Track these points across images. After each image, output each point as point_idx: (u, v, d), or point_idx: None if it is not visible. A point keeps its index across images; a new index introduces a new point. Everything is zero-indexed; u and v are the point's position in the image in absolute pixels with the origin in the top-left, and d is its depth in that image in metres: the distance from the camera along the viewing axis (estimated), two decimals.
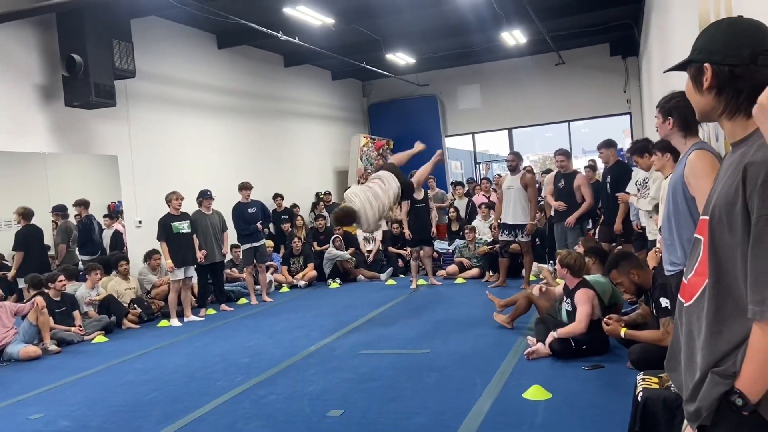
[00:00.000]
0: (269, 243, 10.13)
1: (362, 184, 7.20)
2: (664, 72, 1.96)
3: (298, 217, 11.52)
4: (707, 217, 1.41)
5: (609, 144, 7.20)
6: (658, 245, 4.57)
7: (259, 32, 9.35)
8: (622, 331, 4.20)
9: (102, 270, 7.97)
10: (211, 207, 8.51)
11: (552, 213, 8.14)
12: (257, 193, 9.57)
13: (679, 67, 1.52)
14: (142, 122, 9.31)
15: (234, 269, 10.06)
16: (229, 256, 9.75)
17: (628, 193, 6.27)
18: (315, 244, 11.11)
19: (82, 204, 8.65)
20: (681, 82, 3.18)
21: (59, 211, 8.39)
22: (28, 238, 7.73)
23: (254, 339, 6.55)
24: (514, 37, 11.42)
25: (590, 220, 7.42)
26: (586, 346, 4.81)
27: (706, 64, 1.41)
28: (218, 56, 11.06)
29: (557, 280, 7.43)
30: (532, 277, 8.49)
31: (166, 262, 7.81)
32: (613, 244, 6.94)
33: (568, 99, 14.78)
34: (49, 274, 7.32)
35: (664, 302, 3.82)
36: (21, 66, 7.64)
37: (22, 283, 7.52)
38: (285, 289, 9.87)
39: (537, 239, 8.89)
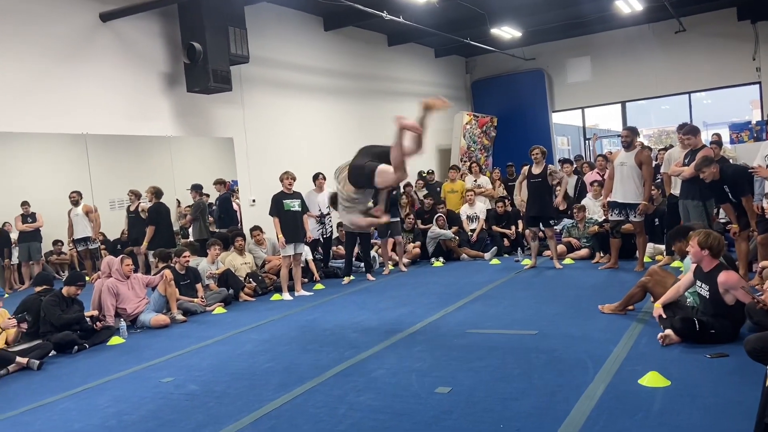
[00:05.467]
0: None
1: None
2: None
3: (403, 196, 11.59)
4: None
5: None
6: None
7: (364, 13, 9.46)
8: None
9: (221, 245, 8.48)
10: None
11: (672, 191, 7.66)
12: None
13: None
14: (254, 105, 9.74)
15: (340, 246, 10.36)
16: (335, 234, 10.05)
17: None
18: (419, 222, 11.18)
19: (221, 182, 9.33)
20: None
21: (196, 189, 9.05)
22: (158, 214, 8.41)
23: (361, 315, 6.74)
24: (629, 4, 10.78)
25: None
26: (714, 331, 4.55)
27: None
28: (324, 38, 11.30)
29: (674, 262, 7.04)
30: (647, 259, 8.10)
31: (278, 238, 8.09)
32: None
33: (689, 69, 13.78)
34: (176, 249, 7.92)
35: None
36: (147, 55, 8.22)
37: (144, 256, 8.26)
38: (390, 266, 10.01)
39: (656, 219, 8.43)
